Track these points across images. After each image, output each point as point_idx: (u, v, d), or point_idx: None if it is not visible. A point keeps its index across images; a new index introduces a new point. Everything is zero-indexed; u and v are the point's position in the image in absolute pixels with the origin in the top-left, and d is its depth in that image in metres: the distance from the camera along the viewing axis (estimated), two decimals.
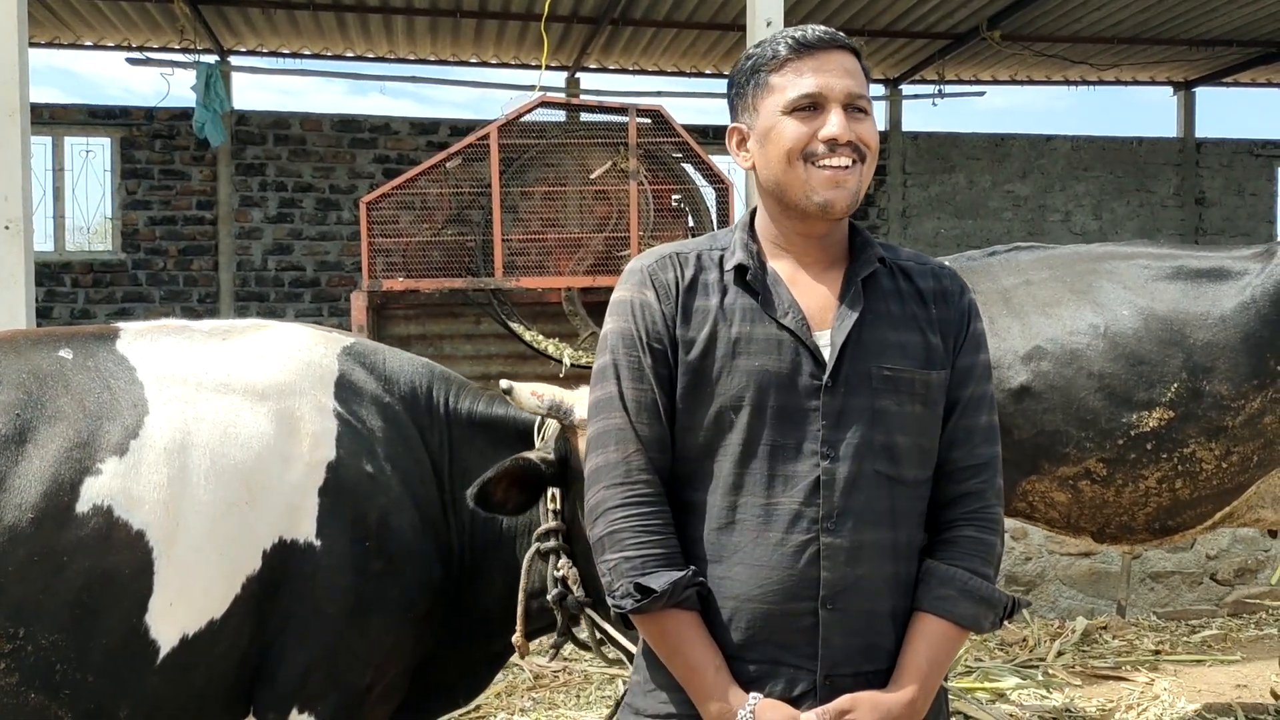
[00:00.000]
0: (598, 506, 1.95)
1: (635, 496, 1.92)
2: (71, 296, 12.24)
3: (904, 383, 1.94)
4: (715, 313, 1.95)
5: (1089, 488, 3.99)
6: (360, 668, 2.59)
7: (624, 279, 2.04)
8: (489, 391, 2.94)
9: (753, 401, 1.90)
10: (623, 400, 1.95)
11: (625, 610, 1.89)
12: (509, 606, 2.84)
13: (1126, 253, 4.22)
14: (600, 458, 1.96)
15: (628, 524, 1.91)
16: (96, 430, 2.44)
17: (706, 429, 1.93)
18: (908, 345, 1.97)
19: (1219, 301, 4.01)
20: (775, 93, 1.95)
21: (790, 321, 1.93)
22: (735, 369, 1.92)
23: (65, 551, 2.34)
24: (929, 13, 11.44)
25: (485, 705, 4.93)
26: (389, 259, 6.79)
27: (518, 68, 13.22)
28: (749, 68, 2.00)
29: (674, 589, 1.86)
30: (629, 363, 1.96)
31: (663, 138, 6.93)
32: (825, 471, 1.88)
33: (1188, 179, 14.56)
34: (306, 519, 2.53)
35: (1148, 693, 5.21)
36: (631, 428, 1.94)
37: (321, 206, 12.66)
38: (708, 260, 2.02)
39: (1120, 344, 3.95)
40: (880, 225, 13.88)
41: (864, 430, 1.91)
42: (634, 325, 1.97)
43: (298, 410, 2.59)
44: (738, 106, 2.03)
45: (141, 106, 12.38)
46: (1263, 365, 3.94)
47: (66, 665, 2.35)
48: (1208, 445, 3.94)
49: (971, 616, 1.93)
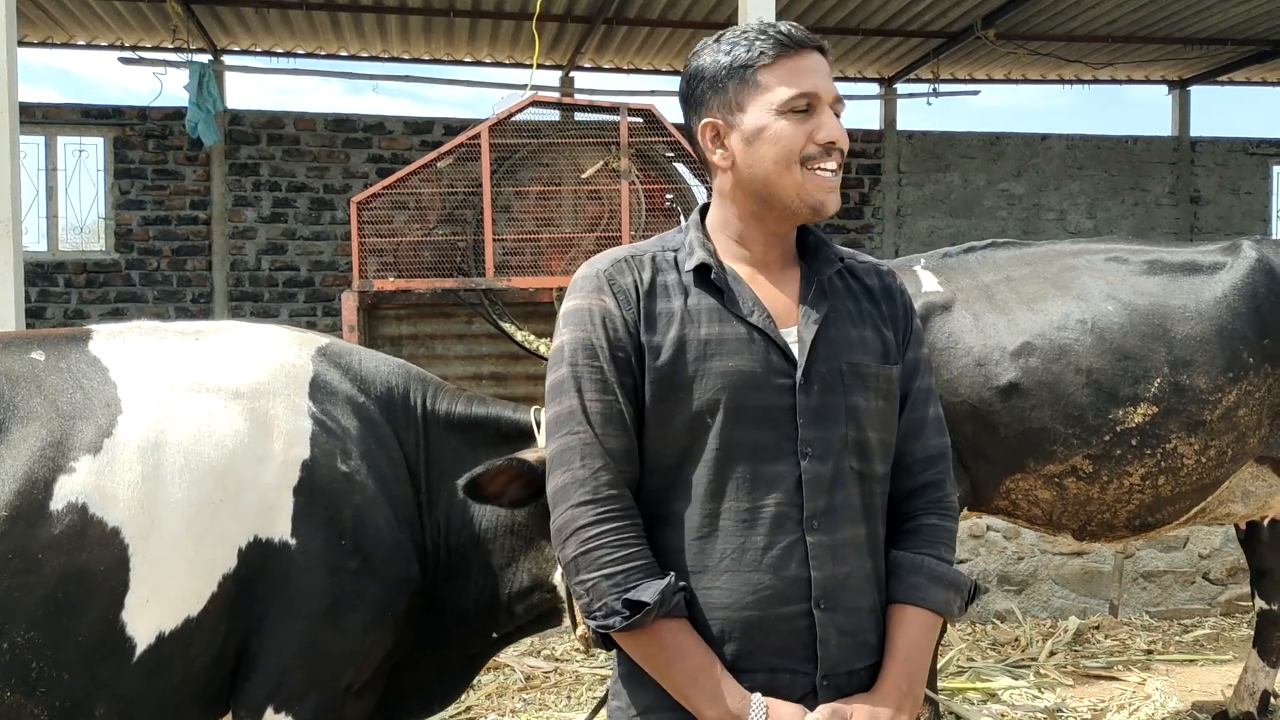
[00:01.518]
0: (566, 526, 1.86)
1: (606, 513, 1.84)
2: (65, 296, 12.22)
3: (869, 378, 1.95)
4: (680, 315, 1.90)
5: (1074, 485, 3.99)
6: (338, 667, 2.58)
7: (576, 286, 1.96)
8: (467, 393, 2.94)
9: (728, 404, 1.86)
10: (585, 414, 1.87)
11: (614, 629, 1.81)
12: (488, 607, 2.83)
13: (1102, 248, 4.24)
14: (565, 475, 1.88)
15: (601, 540, 1.83)
16: (69, 429, 2.43)
17: (681, 436, 1.88)
18: (868, 341, 1.97)
19: (1195, 295, 4.04)
20: (766, 91, 1.89)
21: (758, 320, 1.91)
22: (708, 371, 1.87)
23: (40, 549, 2.34)
24: (923, 11, 11.44)
25: (476, 706, 4.93)
26: (381, 259, 6.78)
27: (512, 67, 13.22)
28: (730, 64, 1.92)
29: (664, 598, 1.79)
30: (590, 374, 1.88)
31: (654, 137, 6.92)
32: (806, 470, 1.86)
33: (1182, 178, 14.56)
34: (281, 517, 2.52)
35: (1140, 692, 5.20)
36: (598, 442, 1.86)
37: (315, 206, 12.64)
38: (663, 262, 1.96)
39: (1107, 339, 3.95)
40: (875, 224, 13.88)
41: (839, 428, 1.90)
42: (594, 334, 1.90)
43: (272, 410, 2.59)
44: (711, 101, 1.95)
45: (135, 106, 12.37)
46: (1237, 357, 3.97)
47: (42, 663, 2.35)
48: (1188, 440, 3.95)
49: (944, 602, 1.94)
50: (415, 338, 7.15)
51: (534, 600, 2.84)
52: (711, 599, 1.86)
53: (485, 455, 2.66)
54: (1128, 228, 14.34)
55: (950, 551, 2.00)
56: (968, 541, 6.20)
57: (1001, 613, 6.26)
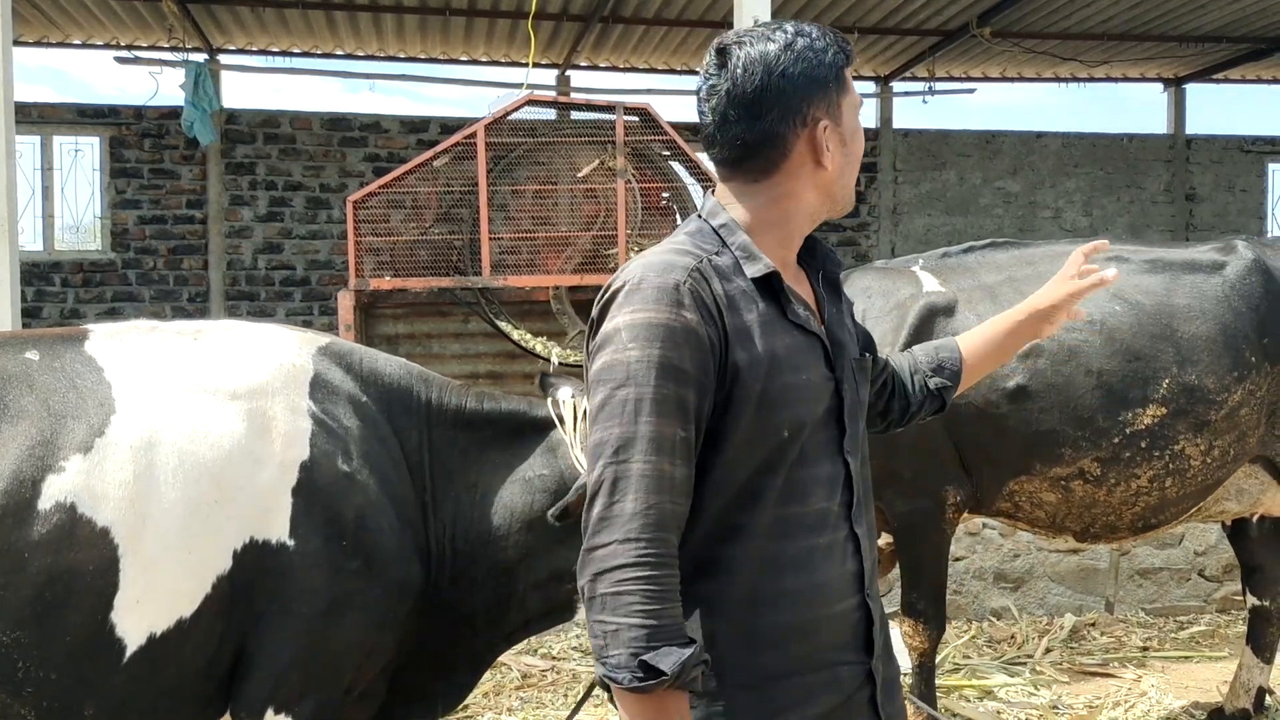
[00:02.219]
0: (603, 561, 1.70)
1: (650, 556, 1.70)
2: (61, 296, 12.20)
3: (866, 371, 2.06)
4: (760, 327, 1.81)
5: (1081, 487, 3.96)
6: (338, 669, 2.58)
7: (648, 297, 1.76)
8: (475, 389, 2.93)
9: (811, 414, 1.85)
10: (654, 441, 1.71)
11: (623, 686, 1.68)
12: (497, 606, 2.82)
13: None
14: (617, 505, 1.71)
15: (637, 587, 1.68)
16: (60, 429, 2.42)
17: (763, 449, 1.81)
18: (856, 335, 2.07)
19: (1199, 294, 4.02)
20: (850, 92, 1.92)
21: (813, 326, 1.91)
22: (791, 385, 1.82)
23: (26, 548, 2.32)
24: (919, 9, 11.44)
25: (473, 705, 4.93)
26: (377, 258, 6.77)
27: (508, 65, 13.21)
28: (831, 60, 1.86)
29: (683, 670, 1.67)
30: (666, 398, 1.72)
31: (651, 136, 6.92)
32: (851, 467, 1.92)
33: (1178, 175, 14.57)
34: (279, 519, 2.51)
35: (1135, 689, 5.21)
36: (659, 474, 1.71)
37: (312, 205, 12.63)
38: (726, 268, 1.84)
39: (1117, 339, 3.92)
40: (871, 222, 13.89)
41: (859, 421, 1.99)
42: (674, 354, 1.73)
43: (270, 410, 2.57)
44: (817, 101, 1.86)
45: (131, 105, 12.34)
46: (1241, 356, 3.96)
47: (29, 663, 2.33)
48: (1195, 441, 3.93)
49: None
50: (412, 337, 7.15)
51: (551, 592, 2.83)
52: (781, 605, 1.83)
53: (496, 452, 2.65)
54: (1123, 225, 14.36)
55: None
56: (964, 539, 6.21)
57: (998, 610, 6.27)
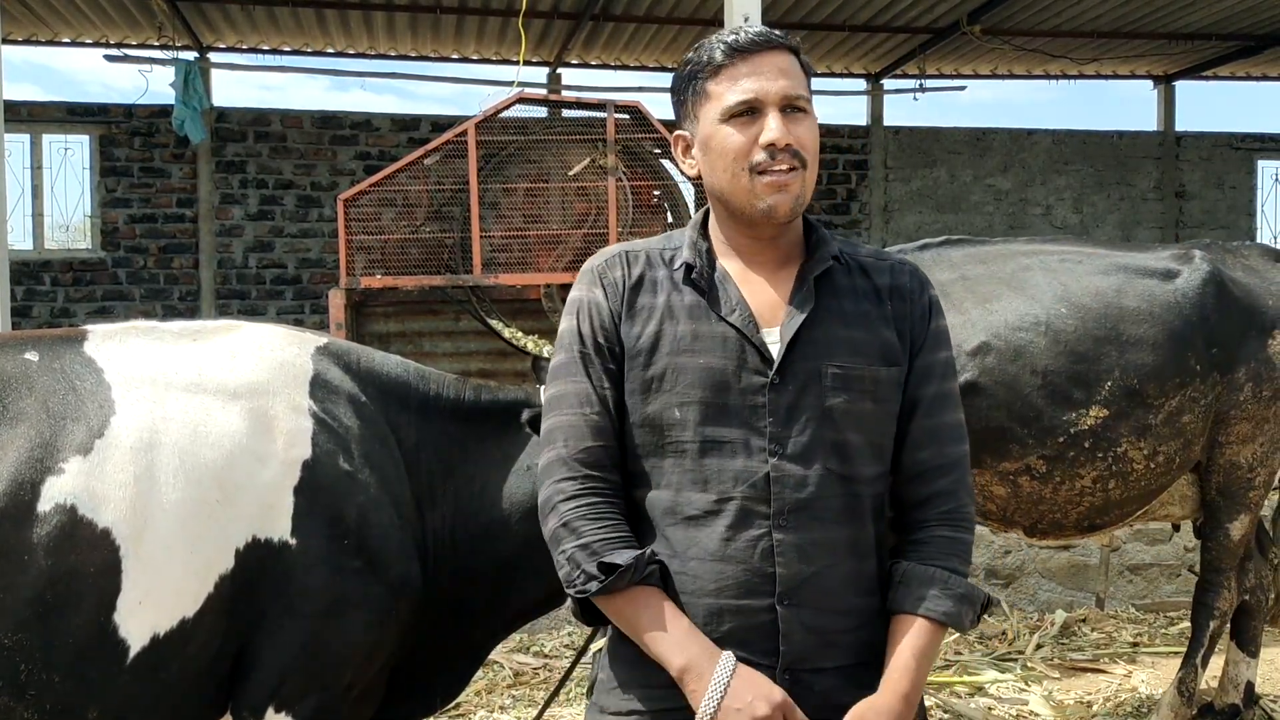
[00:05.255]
0: (549, 501, 1.95)
1: (587, 488, 1.93)
2: (51, 295, 12.17)
3: (854, 380, 1.94)
4: (662, 310, 1.97)
5: (1028, 484, 4.02)
6: (339, 667, 2.58)
7: (578, 278, 2.07)
8: (472, 382, 2.93)
9: (700, 398, 1.92)
10: (575, 396, 1.97)
11: (590, 594, 1.88)
12: (496, 595, 2.83)
13: (1056, 249, 4.27)
14: (550, 453, 1.97)
15: (580, 513, 1.92)
16: (60, 430, 2.41)
17: (655, 426, 1.94)
18: (858, 342, 1.97)
19: (1148, 300, 4.08)
20: (713, 100, 1.94)
21: (736, 319, 1.94)
22: (683, 366, 1.93)
23: (26, 550, 2.31)
24: (909, 7, 11.46)
25: (465, 703, 4.93)
26: (368, 256, 6.78)
27: (499, 63, 13.20)
28: (687, 74, 1.99)
29: (638, 564, 1.86)
30: (578, 359, 1.98)
31: (641, 133, 6.93)
32: (775, 468, 1.90)
33: (1168, 172, 14.61)
34: (281, 518, 2.51)
35: (1126, 685, 5.24)
36: (583, 422, 1.95)
37: (303, 203, 12.61)
38: (657, 258, 2.04)
39: (1061, 340, 3.98)
40: (862, 219, 13.91)
41: (814, 428, 1.91)
42: (584, 323, 2.00)
43: (271, 409, 2.57)
44: (680, 113, 2.04)
45: (120, 104, 12.31)
46: (1184, 364, 4.01)
47: (31, 665, 2.32)
48: (1137, 444, 4.00)
49: (955, 615, 1.94)
50: (403, 335, 7.15)
51: (552, 578, 2.83)
52: (681, 584, 1.91)
53: (495, 444, 2.65)
54: (1113, 222, 14.40)
55: (964, 564, 1.99)
56: None
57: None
